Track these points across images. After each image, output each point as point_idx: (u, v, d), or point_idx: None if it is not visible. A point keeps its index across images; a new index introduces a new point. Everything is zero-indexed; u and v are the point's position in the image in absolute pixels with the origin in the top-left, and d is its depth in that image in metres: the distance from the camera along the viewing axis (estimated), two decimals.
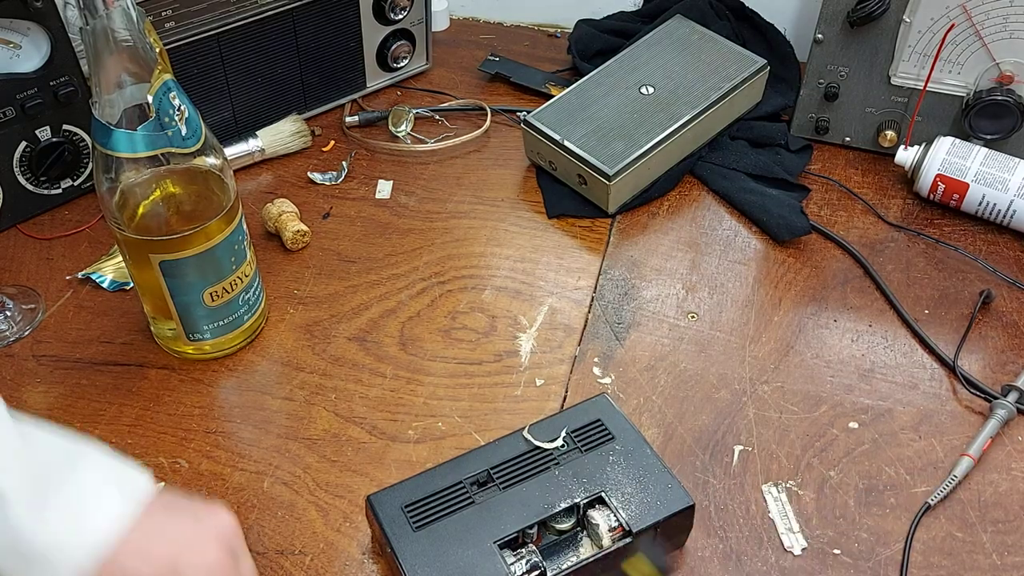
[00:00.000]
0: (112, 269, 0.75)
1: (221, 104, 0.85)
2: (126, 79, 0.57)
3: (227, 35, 0.81)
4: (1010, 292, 0.75)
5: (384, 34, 0.91)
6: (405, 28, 0.92)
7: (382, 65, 0.93)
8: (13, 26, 0.74)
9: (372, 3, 0.88)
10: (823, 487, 0.62)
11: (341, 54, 0.90)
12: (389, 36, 0.92)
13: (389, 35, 0.92)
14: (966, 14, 0.77)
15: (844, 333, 0.72)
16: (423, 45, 0.95)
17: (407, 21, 0.92)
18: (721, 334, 0.72)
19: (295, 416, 0.66)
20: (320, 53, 0.88)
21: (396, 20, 0.90)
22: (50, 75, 0.76)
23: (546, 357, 0.70)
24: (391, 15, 0.89)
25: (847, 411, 0.67)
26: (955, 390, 0.68)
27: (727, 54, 0.87)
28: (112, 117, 0.58)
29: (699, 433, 0.65)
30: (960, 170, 0.79)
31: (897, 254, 0.79)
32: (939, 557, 0.58)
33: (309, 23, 0.86)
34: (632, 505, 0.55)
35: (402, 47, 0.93)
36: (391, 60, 0.93)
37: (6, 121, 0.75)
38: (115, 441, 0.64)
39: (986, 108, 0.79)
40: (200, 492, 0.62)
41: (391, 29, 0.91)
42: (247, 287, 0.68)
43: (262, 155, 0.86)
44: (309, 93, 0.90)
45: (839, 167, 0.87)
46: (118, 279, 0.75)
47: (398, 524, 0.54)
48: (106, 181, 0.60)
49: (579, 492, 0.55)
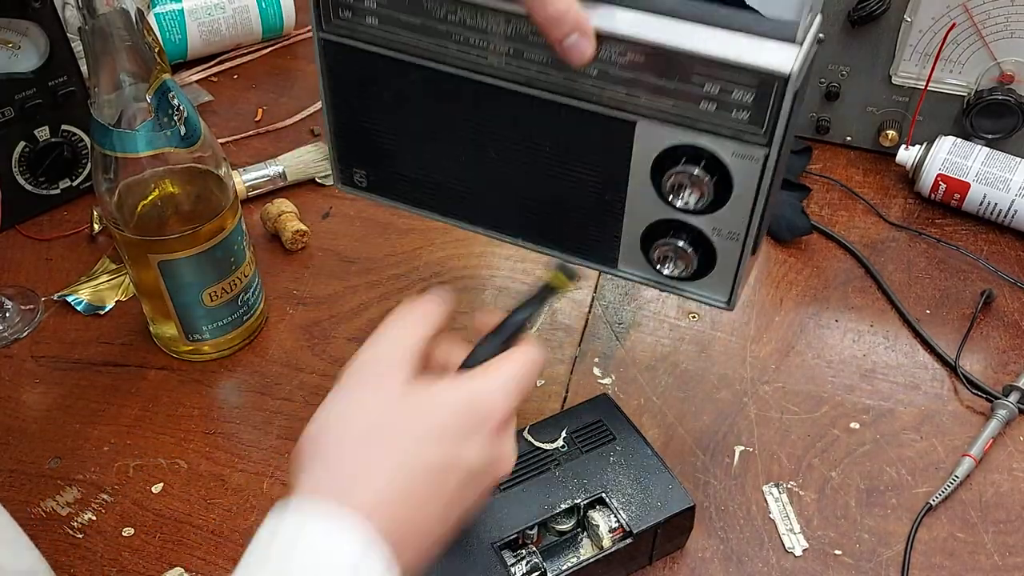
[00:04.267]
0: (88, 292, 0.74)
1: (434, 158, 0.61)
2: (125, 79, 0.57)
3: (541, 104, 0.54)
4: (1011, 292, 0.75)
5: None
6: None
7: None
8: (12, 26, 0.74)
9: None
10: (824, 488, 0.62)
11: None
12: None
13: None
14: (967, 13, 0.77)
15: (845, 333, 0.72)
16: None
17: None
18: (722, 334, 0.72)
19: (295, 417, 0.66)
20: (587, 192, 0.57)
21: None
22: (49, 75, 0.76)
23: (546, 357, 0.70)
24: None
25: (848, 411, 0.66)
26: (956, 390, 0.68)
27: None
28: (111, 117, 0.58)
29: (700, 433, 0.65)
30: (961, 170, 0.79)
31: (898, 254, 0.78)
32: (941, 558, 0.58)
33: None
34: (633, 506, 0.55)
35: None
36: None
37: (4, 121, 0.75)
38: (114, 441, 0.64)
39: (987, 108, 0.79)
40: (199, 494, 0.61)
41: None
42: (246, 287, 0.68)
43: (283, 180, 0.84)
44: (539, 224, 0.61)
45: (840, 167, 0.87)
46: (94, 302, 0.74)
47: None
48: (105, 181, 0.60)
49: (579, 493, 0.55)
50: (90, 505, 0.61)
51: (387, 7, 0.55)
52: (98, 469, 0.63)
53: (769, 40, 0.46)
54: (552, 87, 0.54)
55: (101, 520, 0.60)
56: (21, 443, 0.64)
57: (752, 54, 0.46)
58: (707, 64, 0.48)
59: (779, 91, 0.47)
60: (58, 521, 0.60)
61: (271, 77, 1.01)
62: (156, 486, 0.62)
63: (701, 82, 0.49)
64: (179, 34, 0.98)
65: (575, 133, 0.55)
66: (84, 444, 0.64)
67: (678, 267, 0.57)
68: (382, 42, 0.57)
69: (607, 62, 0.51)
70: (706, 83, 0.49)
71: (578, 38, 0.47)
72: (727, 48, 0.47)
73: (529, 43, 0.52)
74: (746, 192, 0.52)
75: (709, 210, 0.53)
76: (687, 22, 0.48)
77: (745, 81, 0.48)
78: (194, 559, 0.58)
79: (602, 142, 0.55)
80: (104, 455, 0.64)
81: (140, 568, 0.58)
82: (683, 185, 0.53)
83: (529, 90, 0.54)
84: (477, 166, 0.60)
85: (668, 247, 0.56)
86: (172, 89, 0.58)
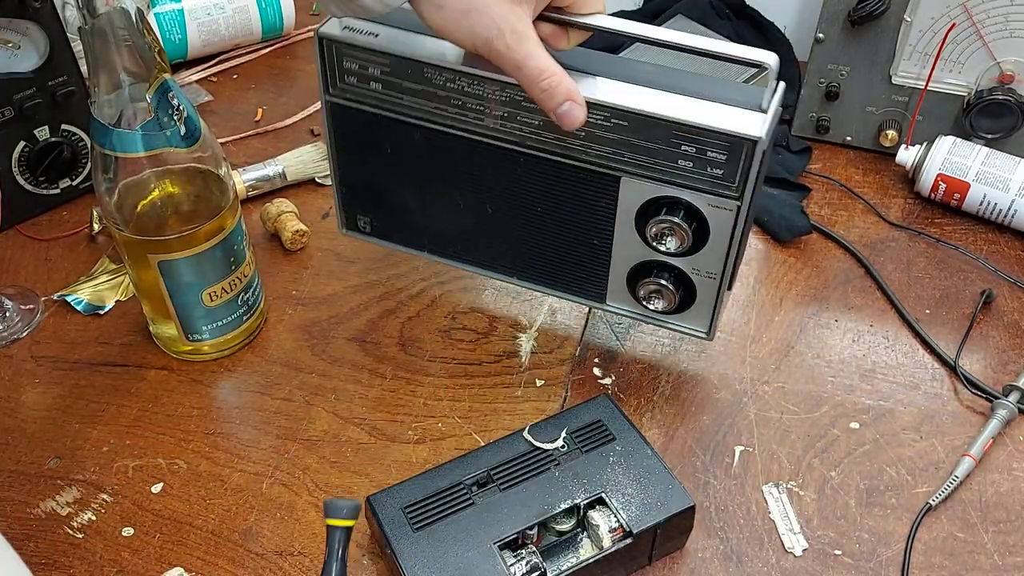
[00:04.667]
0: (88, 292, 0.74)
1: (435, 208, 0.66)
2: (125, 79, 0.57)
3: (533, 161, 0.60)
4: (1011, 292, 0.75)
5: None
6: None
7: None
8: (12, 26, 0.74)
9: None
10: (824, 487, 0.62)
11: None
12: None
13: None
14: (967, 13, 0.77)
15: (845, 333, 0.72)
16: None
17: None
18: (722, 334, 0.72)
19: (294, 417, 0.66)
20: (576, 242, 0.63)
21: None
22: (49, 75, 0.76)
23: (546, 357, 0.70)
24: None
25: (848, 411, 0.66)
26: (956, 390, 0.68)
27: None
28: (111, 117, 0.58)
29: (700, 433, 0.65)
30: (961, 170, 0.79)
31: (898, 254, 0.78)
32: (940, 557, 0.58)
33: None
34: (632, 506, 0.55)
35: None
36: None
37: (4, 121, 0.75)
38: (114, 441, 0.64)
39: (987, 107, 0.79)
40: (199, 494, 0.61)
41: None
42: (246, 287, 0.68)
43: (283, 180, 0.84)
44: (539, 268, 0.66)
45: (840, 167, 0.87)
46: (94, 302, 0.74)
47: (398, 524, 0.54)
48: (104, 181, 0.60)
49: (579, 493, 0.55)
50: (90, 505, 0.61)
51: (390, 74, 0.60)
52: (98, 469, 0.63)
53: (740, 109, 0.54)
54: (544, 146, 0.60)
55: (101, 520, 0.60)
56: (21, 443, 0.64)
57: (727, 121, 0.53)
58: (687, 129, 0.54)
59: (749, 152, 0.54)
60: (58, 521, 0.60)
61: (271, 77, 1.01)
62: (156, 486, 0.62)
63: (680, 144, 0.55)
64: (179, 34, 0.98)
65: (565, 186, 0.61)
66: (84, 444, 0.64)
67: (662, 303, 0.64)
68: (385, 105, 0.62)
69: (594, 125, 0.57)
70: (683, 144, 0.55)
71: (571, 106, 0.52)
72: (705, 116, 0.54)
73: (522, 107, 0.58)
74: (722, 237, 0.58)
75: (689, 253, 0.60)
76: (666, 91, 0.55)
77: (720, 143, 0.54)
78: (194, 559, 0.58)
79: (590, 194, 0.61)
80: (104, 455, 0.64)
81: (140, 568, 0.58)
82: (665, 232, 0.60)
83: (523, 149, 0.60)
84: (475, 215, 0.65)
85: (652, 285, 0.63)
86: (172, 89, 0.58)
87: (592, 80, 0.56)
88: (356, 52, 0.60)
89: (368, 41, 0.59)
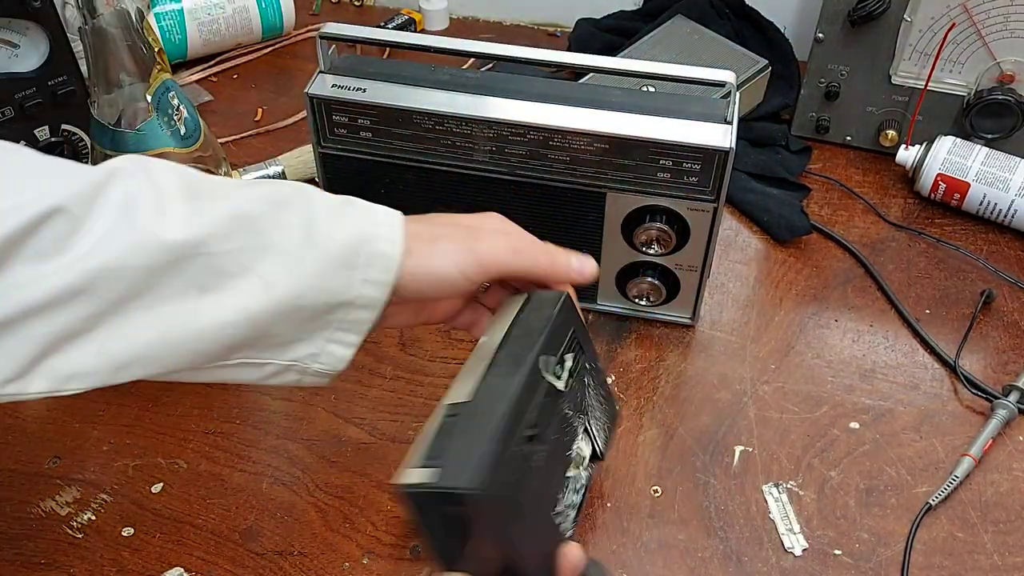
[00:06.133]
0: None
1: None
2: (125, 79, 0.57)
3: (524, 187, 0.65)
4: (1011, 292, 0.75)
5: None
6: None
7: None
8: (12, 26, 0.74)
9: None
10: (824, 487, 0.62)
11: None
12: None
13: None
14: (967, 13, 0.77)
15: (845, 333, 0.72)
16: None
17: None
18: (722, 334, 0.72)
19: (294, 416, 0.66)
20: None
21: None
22: (49, 75, 0.76)
23: None
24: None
25: (848, 411, 0.66)
26: (956, 390, 0.68)
27: (728, 54, 0.87)
28: (111, 117, 0.58)
29: (699, 433, 0.65)
30: (961, 170, 0.79)
31: (898, 254, 0.78)
32: (940, 557, 0.58)
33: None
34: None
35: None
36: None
37: (4, 121, 0.75)
38: (114, 441, 0.64)
39: (987, 107, 0.79)
40: (199, 493, 0.61)
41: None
42: None
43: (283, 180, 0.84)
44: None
45: (840, 166, 0.87)
46: None
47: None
48: None
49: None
50: (89, 505, 0.61)
51: (379, 123, 0.64)
52: (97, 469, 0.63)
53: (708, 123, 0.61)
54: (532, 173, 0.65)
55: (100, 520, 0.60)
56: (20, 443, 0.64)
57: (698, 136, 0.60)
58: (664, 146, 0.61)
59: (721, 161, 0.61)
60: (57, 521, 0.60)
61: (271, 77, 1.01)
62: (156, 486, 0.62)
63: (658, 159, 0.62)
64: (179, 34, 0.98)
65: (555, 206, 0.66)
66: (83, 444, 0.64)
67: (650, 298, 0.70)
68: (376, 151, 0.66)
69: (579, 150, 0.62)
70: (661, 159, 0.62)
71: (578, 262, 0.53)
72: (679, 133, 0.60)
73: (509, 141, 0.63)
74: (701, 235, 0.65)
75: (672, 252, 0.67)
76: (641, 114, 0.61)
77: (695, 155, 0.61)
78: (193, 559, 0.58)
79: (579, 211, 0.66)
80: (103, 455, 0.64)
81: (139, 568, 0.58)
82: (650, 237, 0.66)
83: (512, 177, 0.66)
84: None
85: (641, 284, 0.69)
86: (172, 89, 0.58)
87: (574, 110, 0.62)
88: (345, 107, 0.64)
89: (357, 96, 0.63)
